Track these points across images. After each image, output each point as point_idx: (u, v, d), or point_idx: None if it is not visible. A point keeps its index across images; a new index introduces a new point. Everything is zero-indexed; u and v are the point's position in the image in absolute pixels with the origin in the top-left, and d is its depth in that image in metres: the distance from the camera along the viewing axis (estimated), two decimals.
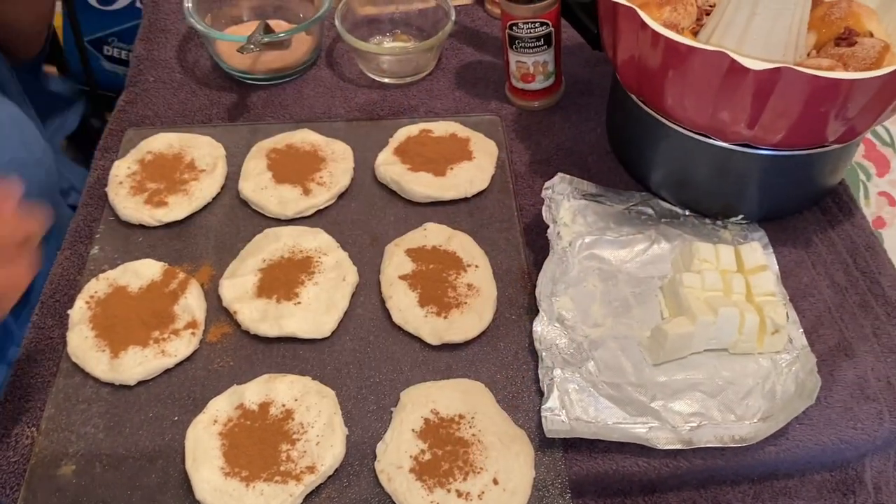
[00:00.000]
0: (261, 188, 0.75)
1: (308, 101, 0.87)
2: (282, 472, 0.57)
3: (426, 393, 0.61)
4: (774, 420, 0.60)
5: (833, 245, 0.73)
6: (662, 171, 0.73)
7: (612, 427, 0.59)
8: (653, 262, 0.71)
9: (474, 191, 0.77)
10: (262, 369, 0.64)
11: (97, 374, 0.63)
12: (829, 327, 0.67)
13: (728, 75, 0.59)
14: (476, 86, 0.89)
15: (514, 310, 0.68)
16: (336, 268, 0.69)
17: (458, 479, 0.56)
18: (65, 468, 0.59)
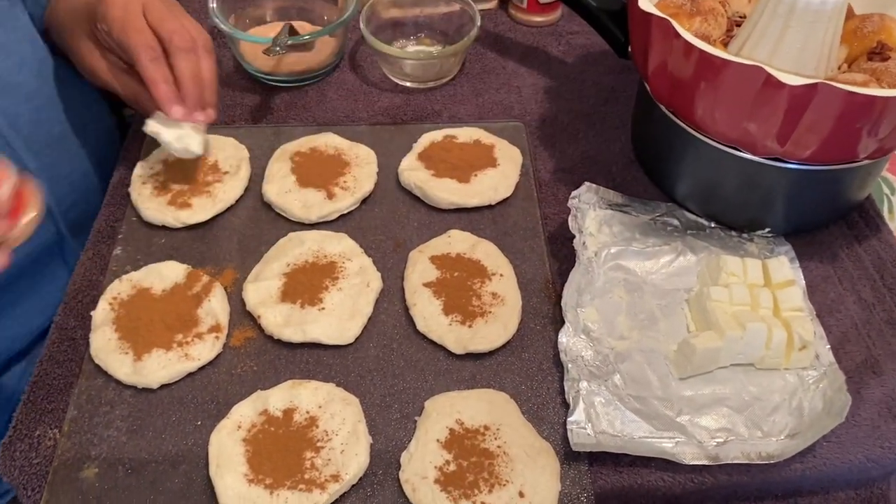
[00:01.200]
0: (285, 191, 0.75)
1: (331, 104, 0.87)
2: (306, 480, 0.56)
3: (451, 402, 0.61)
4: (802, 437, 0.59)
5: (860, 260, 0.73)
6: (689, 182, 0.73)
7: (638, 441, 0.59)
8: (679, 274, 0.70)
9: (499, 198, 0.76)
10: (285, 375, 0.64)
11: (120, 377, 0.63)
12: (856, 344, 0.67)
13: (763, 89, 0.59)
14: (500, 91, 0.89)
15: (539, 320, 0.68)
16: (360, 273, 0.69)
17: (483, 491, 0.56)
18: (87, 471, 0.59)
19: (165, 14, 0.69)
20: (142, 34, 0.67)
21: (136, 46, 0.67)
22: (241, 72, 0.90)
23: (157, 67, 0.67)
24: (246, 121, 0.85)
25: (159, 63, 0.68)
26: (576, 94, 0.89)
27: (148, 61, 0.67)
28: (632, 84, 0.88)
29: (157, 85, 0.67)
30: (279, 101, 0.87)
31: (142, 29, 0.67)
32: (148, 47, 0.67)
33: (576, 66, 0.93)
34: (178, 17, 0.70)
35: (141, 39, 0.67)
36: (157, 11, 0.68)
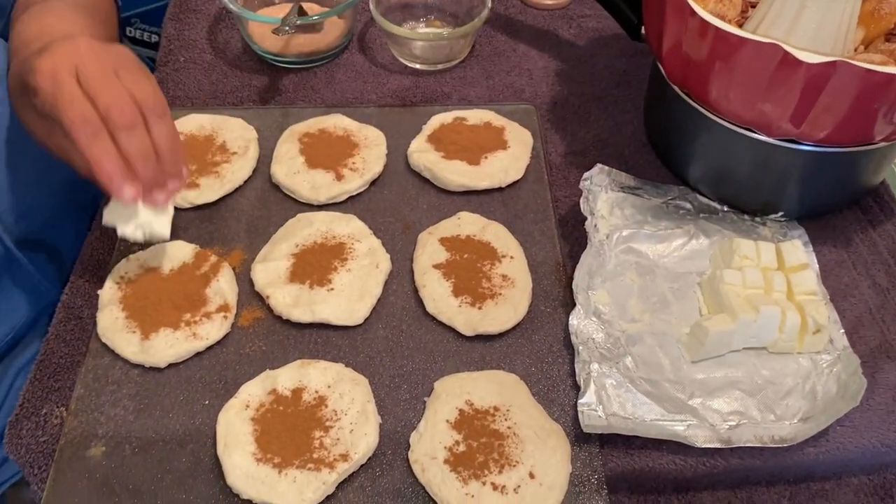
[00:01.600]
0: (293, 172, 0.74)
1: (340, 85, 0.86)
2: (315, 460, 0.56)
3: (461, 384, 0.60)
4: (816, 421, 0.58)
5: (874, 245, 0.72)
6: (702, 165, 0.72)
7: (649, 424, 0.58)
8: (691, 257, 0.69)
9: (509, 181, 0.76)
10: (294, 355, 0.63)
11: (127, 356, 0.63)
12: (871, 328, 0.66)
13: (779, 68, 0.58)
14: (510, 74, 0.88)
15: (549, 302, 0.67)
16: (369, 255, 0.68)
17: (493, 471, 0.56)
18: (94, 450, 0.58)
19: (100, 81, 0.57)
20: (74, 106, 0.56)
21: (69, 123, 0.56)
22: (250, 53, 0.89)
23: (98, 143, 0.56)
24: (254, 102, 0.84)
25: (99, 138, 0.56)
26: (587, 76, 0.88)
27: (85, 138, 0.56)
28: (644, 67, 0.87)
29: (99, 165, 0.56)
30: (287, 82, 0.86)
31: (73, 100, 0.56)
32: (84, 122, 0.55)
33: (587, 48, 0.92)
34: (117, 79, 0.58)
35: (74, 114, 0.55)
36: (91, 80, 0.57)
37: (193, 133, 0.77)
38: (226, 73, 0.87)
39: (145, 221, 0.62)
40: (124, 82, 0.58)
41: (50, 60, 0.57)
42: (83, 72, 0.57)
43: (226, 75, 0.87)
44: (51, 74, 0.56)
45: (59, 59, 0.57)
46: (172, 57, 0.89)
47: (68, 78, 0.56)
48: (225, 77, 0.86)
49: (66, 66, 0.57)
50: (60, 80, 0.56)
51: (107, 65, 0.58)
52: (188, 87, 0.85)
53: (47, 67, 0.57)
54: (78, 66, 0.57)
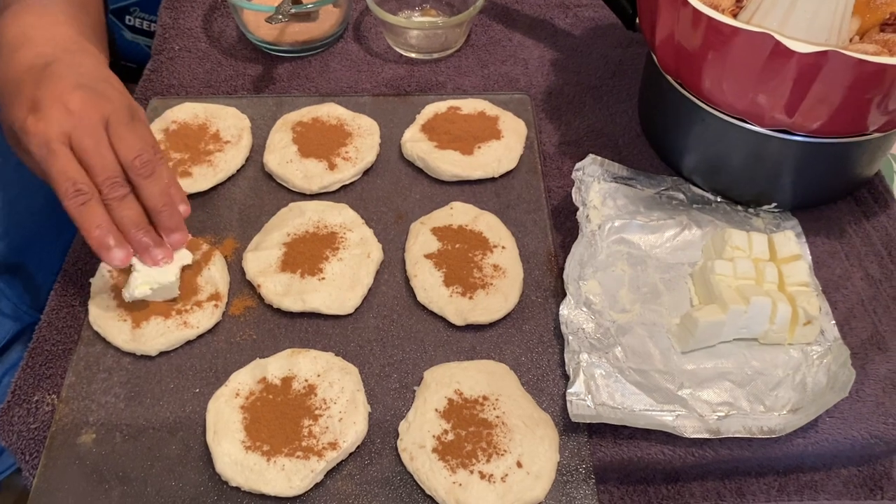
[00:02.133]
0: (286, 161, 0.74)
1: (334, 74, 0.86)
2: (303, 448, 0.56)
3: (450, 373, 0.61)
4: (805, 412, 0.58)
5: (867, 236, 0.72)
6: (696, 155, 0.72)
7: (638, 414, 0.58)
8: (683, 248, 0.69)
9: (502, 170, 0.75)
10: (284, 344, 0.63)
11: (118, 344, 0.63)
12: (862, 320, 0.66)
13: (771, 58, 0.58)
14: (505, 63, 0.88)
15: (540, 292, 0.67)
16: (361, 244, 0.68)
17: (481, 460, 0.56)
18: (85, 437, 0.59)
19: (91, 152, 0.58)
20: (66, 173, 0.57)
21: (62, 193, 0.57)
22: (244, 41, 0.89)
23: (87, 212, 0.57)
24: (248, 90, 0.84)
25: (88, 206, 0.57)
26: (582, 66, 0.88)
27: (76, 208, 0.57)
28: (639, 57, 0.87)
29: (89, 233, 0.58)
30: (282, 70, 0.86)
31: (65, 170, 0.57)
32: (75, 193, 0.57)
33: (583, 38, 0.91)
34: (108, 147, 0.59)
35: (66, 183, 0.57)
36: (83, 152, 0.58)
37: (187, 122, 0.77)
38: (220, 61, 0.87)
39: (148, 278, 0.62)
40: (114, 139, 0.59)
41: (42, 124, 0.57)
42: (75, 142, 0.58)
43: (220, 64, 0.87)
44: (44, 142, 0.57)
45: (51, 125, 0.57)
46: (167, 45, 0.88)
47: (60, 147, 0.57)
48: (219, 66, 0.86)
49: (57, 133, 0.57)
50: (53, 149, 0.57)
51: (97, 125, 0.59)
52: (182, 76, 0.85)
53: (40, 133, 0.57)
54: (71, 135, 0.58)
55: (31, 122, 0.57)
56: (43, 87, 0.59)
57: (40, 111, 0.58)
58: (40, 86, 0.59)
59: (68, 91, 0.59)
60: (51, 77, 0.60)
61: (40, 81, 0.59)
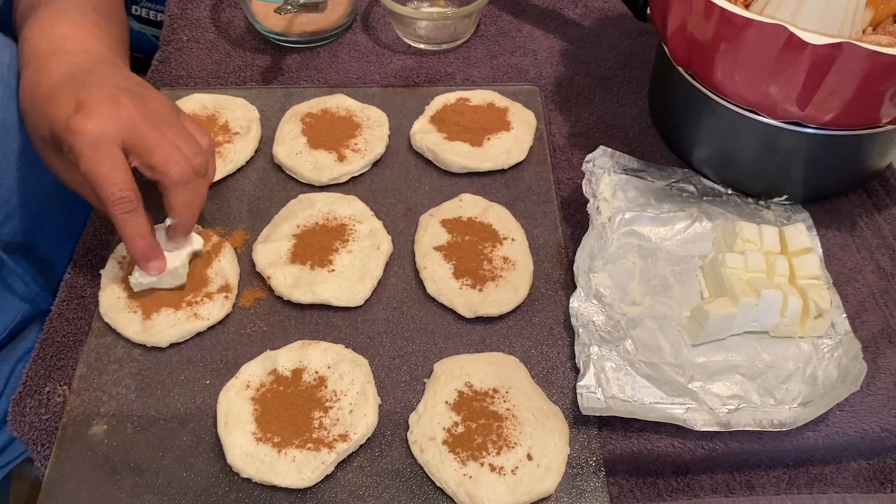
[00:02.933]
0: (295, 153, 0.74)
1: (343, 65, 0.86)
2: (314, 440, 0.56)
3: (460, 365, 0.61)
4: (815, 405, 0.58)
5: (879, 229, 0.71)
6: (706, 147, 0.71)
7: (648, 406, 0.58)
8: (693, 240, 0.69)
9: (511, 162, 0.75)
10: (294, 335, 0.64)
11: (129, 335, 0.63)
12: (873, 313, 0.66)
13: (784, 49, 0.57)
14: (514, 54, 0.87)
15: (550, 284, 0.67)
16: (370, 236, 0.68)
17: (491, 453, 0.56)
18: (96, 428, 0.59)
19: (153, 138, 0.58)
20: (114, 179, 0.56)
21: (108, 197, 0.56)
22: (253, 32, 0.89)
23: (134, 222, 0.58)
24: (257, 82, 0.84)
25: (135, 215, 0.58)
26: (592, 57, 0.87)
27: (122, 215, 0.57)
28: (650, 48, 0.87)
29: (133, 243, 0.59)
30: (290, 61, 0.86)
31: (115, 174, 0.56)
32: (122, 200, 0.57)
33: (593, 29, 0.91)
34: (170, 136, 0.59)
35: (113, 186, 0.56)
36: (142, 138, 0.57)
37: (196, 113, 0.77)
38: (228, 52, 0.87)
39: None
40: (174, 136, 0.59)
41: (91, 123, 0.56)
42: (133, 136, 0.57)
43: (228, 55, 0.86)
44: (93, 140, 0.56)
45: (101, 122, 0.56)
46: (175, 36, 0.88)
47: (113, 148, 0.56)
48: (228, 56, 0.86)
49: (109, 130, 0.56)
50: (103, 147, 0.56)
51: (150, 117, 0.59)
52: (191, 67, 0.85)
53: (90, 132, 0.56)
54: (124, 131, 0.57)
55: (78, 121, 0.56)
56: (86, 90, 0.58)
57: (87, 109, 0.56)
58: (83, 88, 0.58)
59: (115, 92, 0.58)
60: (92, 82, 0.59)
61: (80, 87, 0.58)
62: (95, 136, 0.56)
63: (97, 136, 0.56)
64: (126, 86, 0.60)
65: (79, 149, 0.56)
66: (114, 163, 0.56)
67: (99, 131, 0.56)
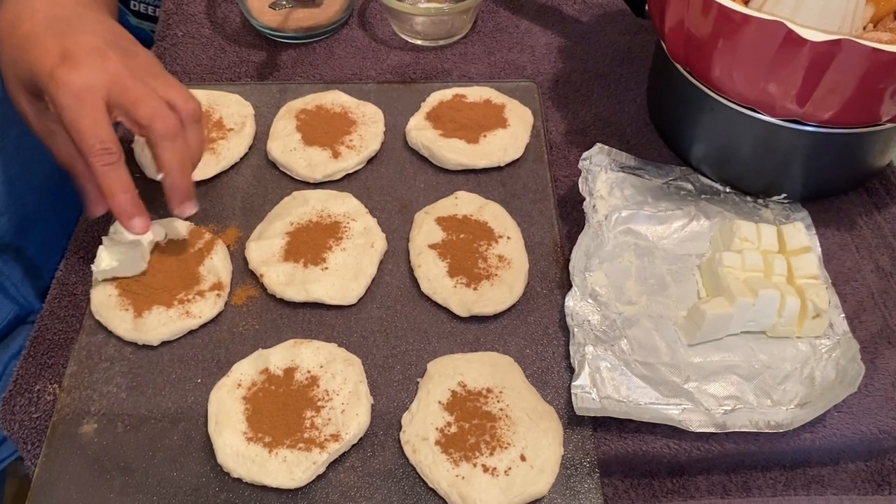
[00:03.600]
0: (289, 149, 0.73)
1: (339, 61, 0.85)
2: (305, 440, 0.56)
3: (454, 365, 0.60)
4: (813, 407, 0.58)
5: (878, 228, 0.71)
6: (704, 145, 0.71)
7: (643, 407, 0.58)
8: (691, 239, 0.68)
9: (508, 160, 0.74)
10: (287, 334, 0.63)
11: (120, 333, 0.62)
12: (872, 313, 0.65)
13: (783, 46, 0.56)
14: (512, 50, 0.86)
15: (546, 283, 0.67)
16: (364, 234, 0.68)
17: (484, 453, 0.55)
18: (86, 426, 0.58)
19: (139, 92, 0.56)
20: (96, 130, 0.54)
21: (88, 148, 0.54)
22: (248, 28, 0.88)
23: (115, 174, 0.56)
24: (252, 77, 0.83)
25: (117, 168, 0.56)
26: (590, 54, 0.86)
27: (102, 167, 0.55)
28: (648, 45, 0.86)
29: (113, 196, 0.56)
30: (286, 57, 0.85)
31: (97, 124, 0.55)
32: (103, 150, 0.54)
33: (591, 25, 0.90)
34: (156, 88, 0.58)
35: (94, 138, 0.54)
36: (127, 92, 0.56)
37: None
38: (224, 48, 0.86)
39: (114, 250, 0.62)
40: (157, 90, 0.57)
41: (77, 74, 0.55)
42: (118, 87, 0.55)
43: (224, 50, 0.86)
44: (77, 91, 0.54)
45: (86, 74, 0.55)
46: (170, 31, 0.88)
47: (96, 99, 0.55)
48: (223, 52, 0.85)
49: (95, 83, 0.55)
50: (87, 99, 0.54)
51: (137, 72, 0.57)
52: (185, 62, 0.84)
53: (74, 82, 0.54)
54: (109, 84, 0.55)
55: (64, 72, 0.54)
56: (71, 38, 0.56)
57: (73, 60, 0.55)
58: (68, 36, 0.56)
59: (101, 45, 0.57)
60: (78, 30, 0.57)
61: (66, 33, 0.57)
62: (80, 88, 0.54)
63: (82, 87, 0.54)
64: (112, 38, 0.59)
65: (62, 99, 0.54)
66: (96, 116, 0.55)
67: (84, 83, 0.55)
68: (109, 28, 0.60)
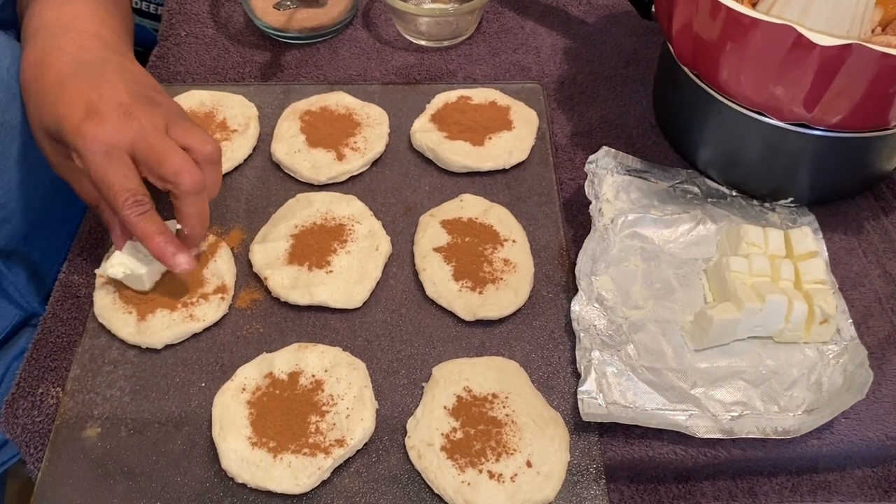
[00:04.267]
0: (294, 151, 0.73)
1: (343, 62, 0.85)
2: (310, 445, 0.55)
3: (459, 369, 0.60)
4: (820, 413, 0.57)
5: (886, 233, 0.70)
6: (711, 148, 0.70)
7: (650, 413, 0.57)
8: (697, 243, 0.68)
9: (513, 162, 0.74)
10: (291, 338, 0.63)
11: (123, 336, 0.62)
12: (880, 318, 0.65)
13: (792, 50, 0.56)
14: (517, 52, 0.86)
15: (551, 287, 0.66)
16: (369, 237, 0.67)
17: (490, 459, 0.55)
18: (90, 430, 0.58)
19: (163, 148, 0.57)
20: (126, 184, 0.56)
21: (121, 202, 0.56)
22: (252, 28, 0.88)
23: (148, 222, 0.57)
24: (255, 78, 0.83)
25: (149, 216, 0.57)
26: (596, 55, 0.86)
27: (136, 217, 0.56)
28: (654, 46, 0.85)
29: (151, 240, 0.57)
30: (290, 58, 0.85)
31: (126, 177, 0.56)
32: (135, 203, 0.56)
33: (597, 26, 0.90)
34: (176, 137, 0.58)
35: (126, 194, 0.56)
36: (152, 149, 0.56)
37: (193, 110, 0.76)
38: (227, 48, 0.86)
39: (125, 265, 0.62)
40: (177, 139, 0.58)
41: (102, 131, 0.56)
42: (142, 144, 0.56)
43: (227, 51, 0.85)
44: (104, 149, 0.55)
45: (111, 132, 0.56)
46: (174, 31, 0.87)
47: (122, 154, 0.56)
48: (226, 52, 0.85)
49: (121, 143, 0.56)
50: (114, 157, 0.56)
51: (161, 126, 0.58)
52: (189, 63, 0.84)
53: (100, 140, 0.55)
54: (135, 141, 0.56)
55: (90, 127, 0.56)
56: (97, 92, 0.57)
57: (99, 115, 0.56)
58: (94, 89, 0.57)
59: (127, 100, 0.58)
60: (104, 80, 0.58)
61: (92, 83, 0.58)
62: (107, 145, 0.56)
63: (108, 144, 0.56)
64: (137, 88, 0.60)
65: (89, 156, 0.56)
66: (125, 170, 0.56)
67: (110, 140, 0.56)
68: (133, 77, 0.61)
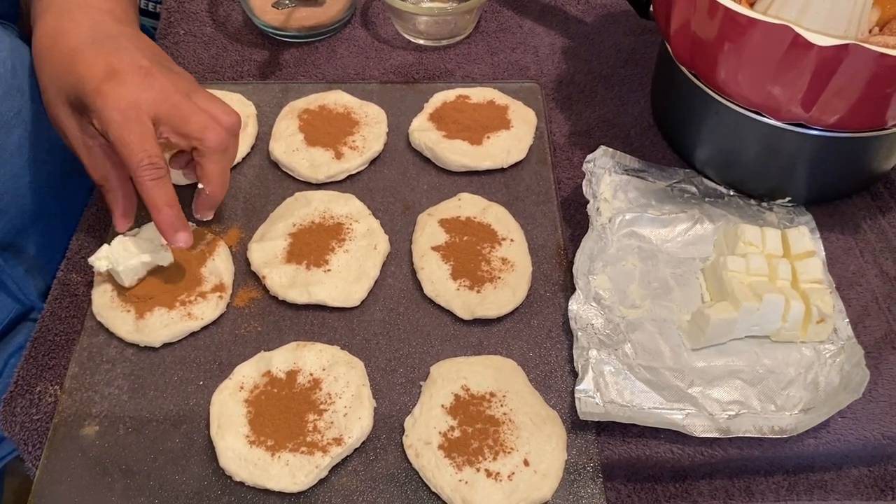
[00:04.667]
0: (292, 150, 0.73)
1: (341, 61, 0.85)
2: (308, 443, 0.55)
3: (457, 368, 0.60)
4: (817, 412, 0.58)
5: (883, 232, 0.71)
6: (709, 148, 0.70)
7: (647, 412, 0.58)
8: (695, 242, 0.68)
9: (511, 161, 0.74)
10: (289, 336, 0.63)
11: (122, 335, 0.62)
12: (877, 318, 0.65)
13: (790, 50, 0.56)
14: (515, 51, 0.86)
15: (549, 286, 0.66)
16: (367, 235, 0.67)
17: (487, 458, 0.55)
18: (88, 429, 0.58)
19: (187, 108, 0.58)
20: (144, 145, 0.56)
21: (137, 162, 0.56)
22: (250, 26, 0.88)
23: (161, 189, 0.57)
24: (254, 77, 0.83)
25: (163, 183, 0.57)
26: (594, 55, 0.86)
27: (150, 181, 0.56)
28: (652, 46, 0.85)
29: (160, 210, 0.57)
30: (288, 57, 0.85)
31: (144, 139, 0.56)
32: (151, 165, 0.56)
33: (595, 26, 0.90)
34: (204, 107, 0.59)
35: (142, 154, 0.56)
36: (177, 108, 0.57)
37: None
38: (226, 46, 0.86)
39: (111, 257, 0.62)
40: (207, 106, 0.60)
41: (124, 90, 0.56)
42: (165, 104, 0.57)
43: (225, 49, 0.85)
44: (124, 107, 0.56)
45: (133, 90, 0.57)
46: (172, 29, 0.87)
47: (142, 115, 0.56)
48: (225, 51, 0.85)
49: (142, 100, 0.57)
50: (134, 115, 0.56)
51: (183, 90, 0.59)
52: (187, 61, 0.84)
53: (122, 98, 0.56)
54: (158, 101, 0.57)
55: (111, 87, 0.56)
56: (116, 56, 0.58)
57: (120, 76, 0.57)
58: (113, 54, 0.58)
59: (146, 63, 0.58)
60: (122, 47, 0.59)
61: (110, 50, 0.58)
62: (127, 103, 0.56)
63: (129, 103, 0.56)
64: (154, 56, 0.61)
65: (109, 115, 0.56)
66: (143, 131, 0.56)
67: (132, 99, 0.56)
68: (149, 46, 0.62)
